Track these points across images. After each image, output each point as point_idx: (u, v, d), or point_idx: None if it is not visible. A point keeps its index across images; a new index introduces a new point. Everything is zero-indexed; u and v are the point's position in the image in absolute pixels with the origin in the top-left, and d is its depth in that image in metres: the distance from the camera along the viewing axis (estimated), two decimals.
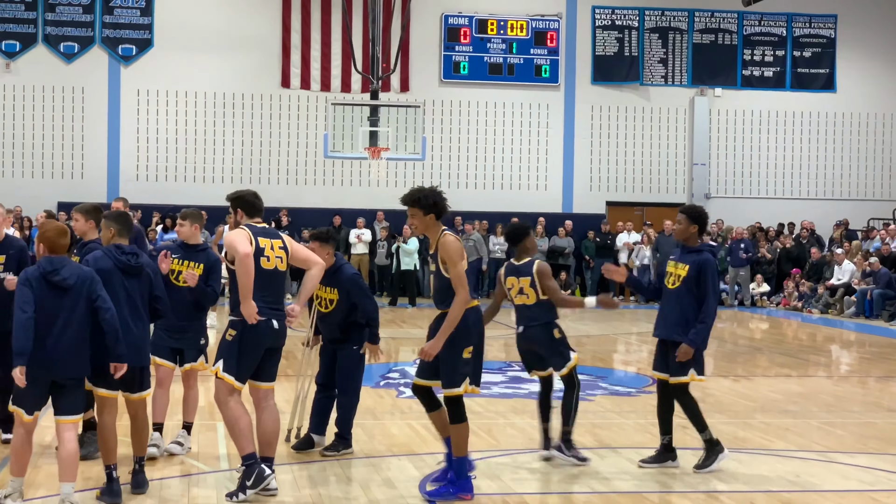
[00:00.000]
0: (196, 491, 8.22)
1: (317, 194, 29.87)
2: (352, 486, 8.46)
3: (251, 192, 8.45)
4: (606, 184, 31.94)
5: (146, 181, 29.45)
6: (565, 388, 9.51)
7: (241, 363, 7.97)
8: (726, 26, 32.36)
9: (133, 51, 29.57)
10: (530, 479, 8.87)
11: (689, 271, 9.01)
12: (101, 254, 7.91)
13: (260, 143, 30.19)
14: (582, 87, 31.70)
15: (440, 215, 8.23)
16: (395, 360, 16.52)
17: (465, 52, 31.07)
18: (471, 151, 31.13)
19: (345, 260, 9.74)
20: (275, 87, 30.24)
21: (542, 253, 29.27)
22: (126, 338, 7.58)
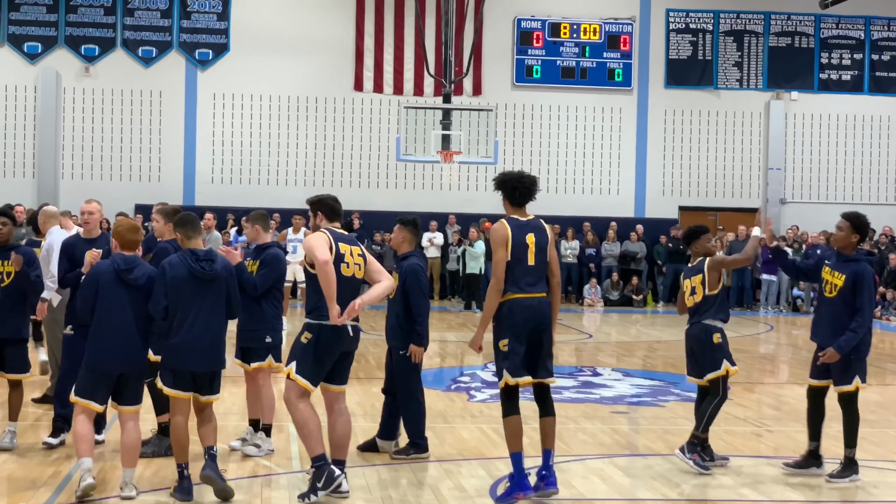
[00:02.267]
0: (268, 492, 8.29)
1: (388, 197, 29.98)
2: (423, 490, 8.48)
3: (332, 197, 8.49)
4: (679, 188, 31.69)
5: (221, 184, 29.77)
6: (709, 393, 9.48)
7: (315, 366, 8.02)
8: (803, 29, 31.95)
9: (210, 55, 29.92)
10: (601, 484, 8.82)
11: (846, 282, 8.96)
12: (177, 259, 8.04)
13: (333, 147, 30.38)
14: (655, 90, 31.49)
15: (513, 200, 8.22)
16: (466, 364, 16.52)
17: (537, 55, 31.01)
18: (543, 155, 31.05)
19: (418, 254, 9.72)
20: (348, 91, 30.41)
21: (613, 258, 29.15)
22: (199, 342, 7.86)
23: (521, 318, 7.99)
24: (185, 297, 7.92)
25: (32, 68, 29.18)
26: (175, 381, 7.95)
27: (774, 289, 28.22)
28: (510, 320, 8.01)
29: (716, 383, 9.45)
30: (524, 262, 8.02)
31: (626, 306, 28.15)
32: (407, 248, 9.64)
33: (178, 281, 7.91)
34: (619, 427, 11.51)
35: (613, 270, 29.01)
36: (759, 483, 8.98)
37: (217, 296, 8.05)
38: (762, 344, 21.64)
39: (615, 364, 16.72)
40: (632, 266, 29.12)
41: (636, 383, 14.54)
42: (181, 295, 7.92)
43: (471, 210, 29.36)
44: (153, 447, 9.25)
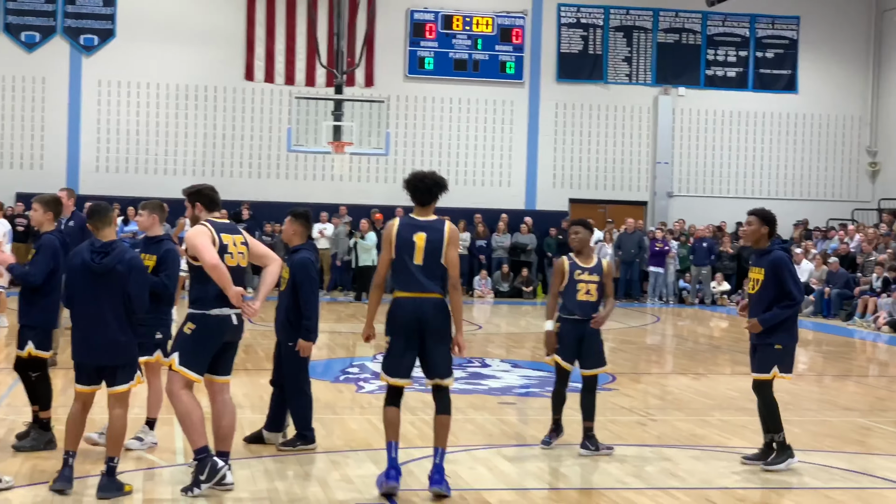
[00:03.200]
0: (150, 486, 8.15)
1: (279, 188, 29.74)
2: (309, 482, 8.42)
3: (209, 187, 8.40)
4: (570, 181, 32.00)
5: (106, 172, 29.22)
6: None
7: (199, 357, 7.94)
8: (690, 26, 32.50)
9: (95, 41, 29.31)
10: (488, 474, 8.86)
11: (766, 274, 9.12)
12: (77, 249, 7.89)
13: (223, 136, 30.03)
14: (546, 84, 31.74)
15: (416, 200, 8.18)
16: (355, 356, 16.48)
17: (430, 47, 31.03)
18: (434, 147, 31.11)
19: (309, 246, 9.66)
20: (238, 80, 30.07)
21: (503, 249, 29.33)
22: (97, 337, 7.73)
23: (402, 317, 8.00)
24: (80, 289, 7.77)
25: None
26: (77, 373, 7.85)
27: (661, 281, 28.68)
28: (392, 318, 8.04)
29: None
30: (411, 261, 8.00)
31: (516, 298, 28.36)
32: (298, 240, 9.57)
33: (74, 271, 7.78)
34: (506, 418, 11.57)
35: (504, 262, 29.19)
36: (643, 471, 9.10)
37: (112, 290, 7.81)
38: (648, 335, 21.98)
39: (504, 355, 16.83)
40: (522, 258, 29.33)
41: (524, 374, 14.64)
42: (76, 286, 7.78)
43: (363, 201, 29.28)
44: (32, 441, 9.03)
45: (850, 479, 9.06)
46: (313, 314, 9.34)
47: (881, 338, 21.67)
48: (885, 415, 12.65)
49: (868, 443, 10.77)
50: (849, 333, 22.43)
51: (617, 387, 13.82)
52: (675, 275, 28.89)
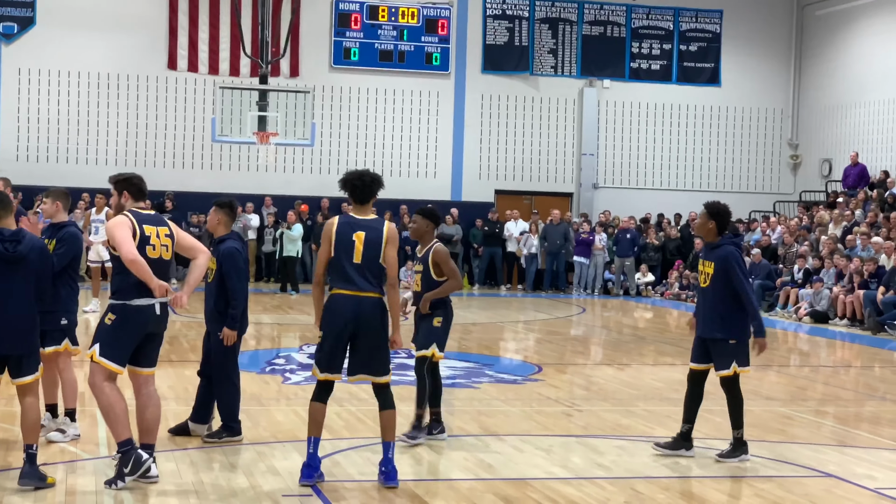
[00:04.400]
0: (73, 478, 8.04)
1: (204, 178, 29.43)
2: (236, 473, 8.36)
3: (137, 176, 8.31)
4: (496, 172, 32.09)
5: (27, 162, 28.71)
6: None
7: (120, 348, 7.84)
8: (615, 19, 32.73)
9: (15, 28, 28.77)
10: (415, 466, 8.86)
11: (715, 268, 9.17)
12: None
13: (146, 126, 29.65)
14: (472, 75, 31.79)
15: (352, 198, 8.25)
16: (281, 346, 16.39)
17: (355, 38, 30.91)
18: (360, 138, 31.00)
19: (236, 236, 9.60)
20: (161, 69, 29.71)
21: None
22: (5, 324, 7.56)
23: (336, 313, 7.97)
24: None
25: None
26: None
27: (587, 272, 28.89)
28: (327, 314, 8.01)
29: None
30: (349, 259, 7.98)
31: None
32: (223, 230, 9.52)
33: None
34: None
35: None
36: (570, 461, 9.16)
37: (23, 277, 7.70)
38: (574, 326, 22.14)
39: None
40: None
41: (450, 365, 14.64)
42: None
43: (288, 192, 29.11)
44: None
45: (772, 468, 9.20)
46: (240, 303, 9.28)
47: (802, 328, 22.04)
48: (806, 404, 12.88)
49: (789, 431, 10.95)
50: (770, 324, 22.72)
51: (543, 377, 13.91)
52: (602, 265, 29.09)
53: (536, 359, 16.04)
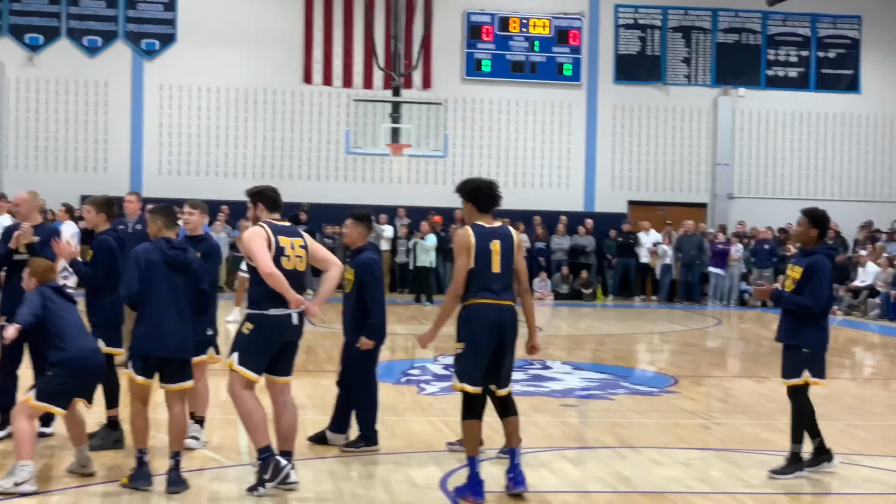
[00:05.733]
0: (217, 485, 8.19)
1: (338, 190, 29.83)
2: (373, 483, 8.43)
3: (271, 188, 8.43)
4: (628, 183, 31.83)
5: (168, 175, 29.49)
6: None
7: (257, 357, 7.96)
8: (750, 26, 32.20)
9: (156, 45, 29.61)
10: (551, 477, 8.81)
11: (803, 274, 8.93)
12: (150, 246, 8.06)
13: (282, 139, 30.19)
14: (604, 86, 31.60)
15: (479, 207, 8.13)
16: (416, 357, 16.47)
17: (487, 49, 31.00)
18: (493, 149, 31.06)
19: (372, 247, 9.69)
20: (297, 83, 30.24)
21: (563, 251, 29.23)
22: (170, 330, 7.89)
23: (479, 323, 7.90)
24: (157, 284, 7.94)
25: None
26: (141, 366, 7.93)
27: (723, 283, 28.42)
28: (468, 325, 7.93)
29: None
30: (488, 269, 7.95)
31: (575, 300, 28.24)
32: (361, 242, 9.60)
33: (151, 266, 7.94)
34: (568, 420, 11.51)
35: (563, 264, 29.08)
36: (709, 475, 9.01)
37: (186, 285, 8.08)
38: (710, 338, 21.80)
39: (565, 357, 16.74)
40: (581, 260, 29.21)
41: (586, 376, 14.55)
42: (153, 281, 7.93)
43: (420, 203, 29.31)
44: (100, 440, 9.12)
45: None
46: (379, 313, 9.35)
47: None
48: None
49: None
50: None
51: (679, 389, 13.71)
52: (738, 276, 28.57)
53: (672, 370, 15.82)
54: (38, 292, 8.03)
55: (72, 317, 8.06)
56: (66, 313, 8.03)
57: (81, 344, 7.96)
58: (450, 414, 10.83)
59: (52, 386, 7.84)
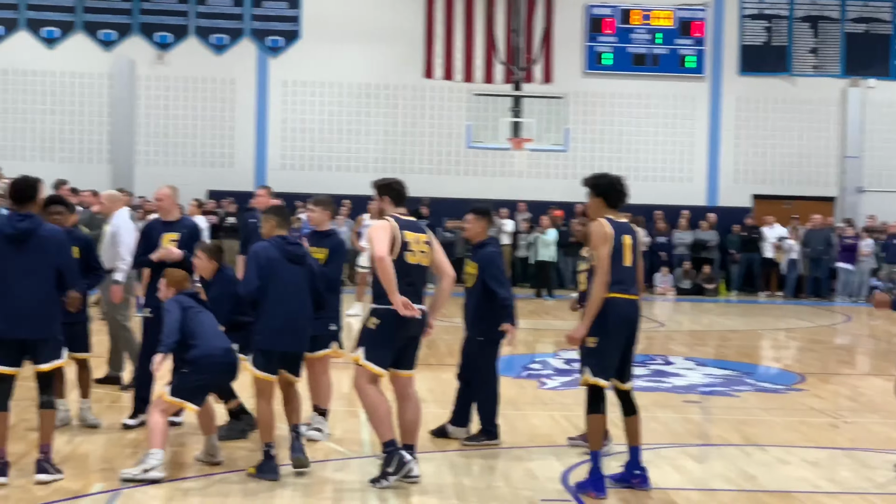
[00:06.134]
0: (340, 476, 8.30)
1: (458, 185, 29.90)
2: (494, 476, 8.44)
3: (398, 181, 8.47)
4: (753, 176, 31.26)
5: (291, 170, 29.91)
6: None
7: (383, 351, 8.02)
8: (880, 15, 31.34)
9: (281, 42, 30.07)
10: (674, 474, 8.71)
11: None
12: (268, 244, 8.26)
13: (403, 133, 30.39)
14: (728, 77, 31.09)
15: (610, 203, 8.07)
16: (536, 352, 16.44)
17: (608, 42, 30.75)
18: (614, 143, 30.81)
19: (493, 241, 9.69)
20: (418, 78, 30.39)
21: (685, 246, 28.86)
22: (290, 324, 8.09)
23: (616, 318, 7.86)
24: (282, 278, 8.15)
25: (107, 56, 29.52)
26: (267, 362, 8.09)
27: (852, 279, 27.74)
28: (604, 319, 7.85)
29: None
30: (620, 262, 7.92)
31: (697, 295, 27.87)
32: (482, 236, 9.60)
33: (273, 262, 8.15)
34: (691, 416, 11.38)
35: (685, 259, 28.73)
36: (837, 474, 8.81)
37: (305, 279, 8.29)
38: (838, 334, 21.31)
39: (687, 353, 16.54)
40: (703, 255, 28.81)
41: (708, 372, 14.36)
42: (279, 276, 8.14)
43: (541, 198, 29.22)
44: (227, 430, 9.30)
45: None
46: (510, 301, 9.34)
47: None
48: None
49: None
50: None
51: (806, 387, 13.43)
52: (868, 272, 27.86)
53: (798, 368, 15.51)
54: (175, 302, 8.26)
55: (208, 320, 8.30)
56: (203, 317, 8.28)
57: (215, 343, 8.16)
58: (571, 409, 10.79)
59: (186, 383, 8.06)
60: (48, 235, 7.86)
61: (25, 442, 8.81)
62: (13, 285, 7.68)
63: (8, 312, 7.68)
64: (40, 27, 29.35)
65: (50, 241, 7.84)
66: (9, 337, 7.73)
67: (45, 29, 29.37)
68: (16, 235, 7.72)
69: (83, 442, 9.12)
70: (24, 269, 7.71)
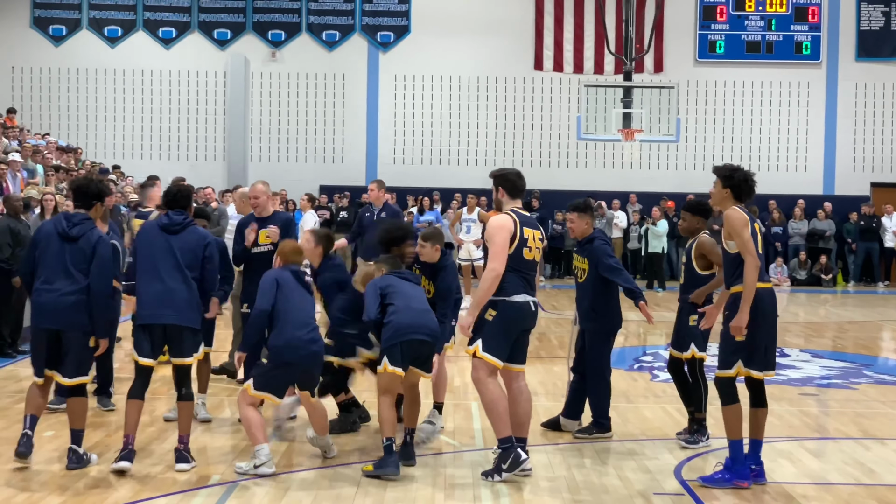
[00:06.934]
0: (452, 469, 8.35)
1: (569, 176, 29.80)
2: (606, 469, 8.41)
3: (515, 172, 8.48)
4: (871, 164, 30.56)
5: (402, 164, 30.13)
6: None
7: (501, 342, 8.04)
8: None
9: (391, 37, 30.29)
10: (790, 467, 8.59)
11: None
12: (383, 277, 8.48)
13: (513, 126, 30.38)
14: (845, 63, 30.42)
15: (738, 195, 8.01)
16: (647, 344, 16.34)
17: (721, 30, 30.32)
18: (726, 133, 30.39)
19: (600, 233, 9.65)
20: (528, 70, 30.35)
21: (800, 236, 28.34)
22: (420, 319, 8.19)
23: (764, 308, 7.81)
24: (401, 293, 8.29)
25: (222, 54, 30.08)
26: (400, 357, 8.13)
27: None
28: (756, 310, 7.75)
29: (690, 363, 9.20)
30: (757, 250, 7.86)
31: (814, 286, 27.35)
32: (587, 230, 9.54)
33: (391, 283, 8.39)
34: (808, 409, 11.20)
35: (801, 249, 28.21)
36: None
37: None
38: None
39: (803, 345, 16.27)
40: (820, 245, 28.26)
41: (825, 364, 14.12)
42: (396, 293, 8.28)
43: (652, 189, 28.96)
44: (339, 424, 9.42)
45: None
46: (632, 282, 9.35)
47: None
48: None
49: None
50: None
51: None
52: None
53: None
54: (272, 276, 8.29)
55: (300, 304, 8.20)
56: (295, 298, 8.19)
57: (298, 332, 8.07)
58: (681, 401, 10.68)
59: (265, 374, 8.12)
60: (200, 236, 8.31)
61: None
62: (163, 275, 8.05)
63: (156, 299, 8.02)
64: (157, 28, 30.03)
65: (200, 241, 8.26)
66: (154, 322, 8.05)
67: (162, 29, 30.05)
68: (169, 226, 8.16)
69: (201, 434, 9.33)
70: (175, 260, 8.08)
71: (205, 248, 8.23)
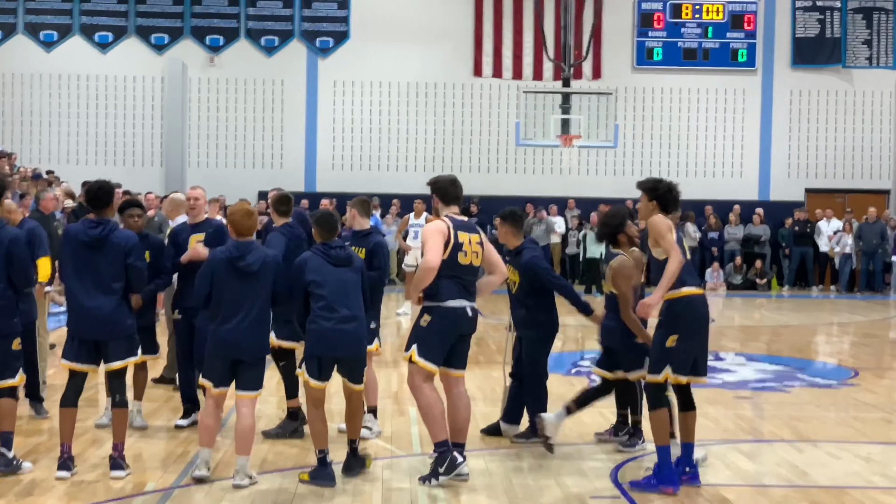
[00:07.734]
0: (388, 474, 8.34)
1: (509, 182, 29.92)
2: (543, 474, 8.44)
3: (448, 178, 8.52)
4: (805, 170, 31.00)
5: (342, 170, 30.07)
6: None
7: (436, 348, 8.05)
8: None
9: (330, 43, 30.23)
10: (725, 470, 8.67)
11: None
12: (309, 253, 8.11)
13: (452, 132, 30.45)
14: (780, 70, 30.84)
15: (664, 206, 8.10)
16: (585, 349, 16.42)
17: (658, 37, 30.61)
18: (664, 139, 30.68)
19: (530, 242, 9.68)
20: (467, 76, 30.44)
21: (736, 241, 28.67)
22: (345, 328, 7.86)
23: (696, 314, 7.92)
24: (325, 285, 7.91)
25: (159, 59, 29.84)
26: (318, 370, 7.93)
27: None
28: (685, 317, 7.88)
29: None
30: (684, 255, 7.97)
31: (749, 290, 27.68)
32: (515, 241, 9.57)
33: (319, 267, 7.95)
34: (742, 412, 11.31)
35: (737, 254, 28.54)
36: (890, 470, 8.73)
37: (355, 283, 8.06)
38: (893, 329, 21.09)
39: (738, 348, 16.44)
40: (755, 249, 28.60)
41: (760, 368, 14.28)
42: (327, 281, 7.92)
43: (590, 194, 29.15)
44: (279, 429, 9.39)
45: None
46: (572, 293, 9.38)
47: None
48: None
49: None
50: None
51: (859, 382, 13.32)
52: None
53: (852, 363, 15.37)
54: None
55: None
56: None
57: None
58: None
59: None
60: (121, 241, 8.13)
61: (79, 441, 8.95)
62: (89, 289, 8.01)
63: (84, 314, 8.03)
64: (94, 32, 29.73)
65: (122, 246, 8.11)
66: (85, 337, 8.08)
67: (99, 34, 29.76)
68: (90, 242, 8.04)
69: (136, 441, 9.24)
70: (99, 273, 8.03)
71: (126, 257, 8.11)
